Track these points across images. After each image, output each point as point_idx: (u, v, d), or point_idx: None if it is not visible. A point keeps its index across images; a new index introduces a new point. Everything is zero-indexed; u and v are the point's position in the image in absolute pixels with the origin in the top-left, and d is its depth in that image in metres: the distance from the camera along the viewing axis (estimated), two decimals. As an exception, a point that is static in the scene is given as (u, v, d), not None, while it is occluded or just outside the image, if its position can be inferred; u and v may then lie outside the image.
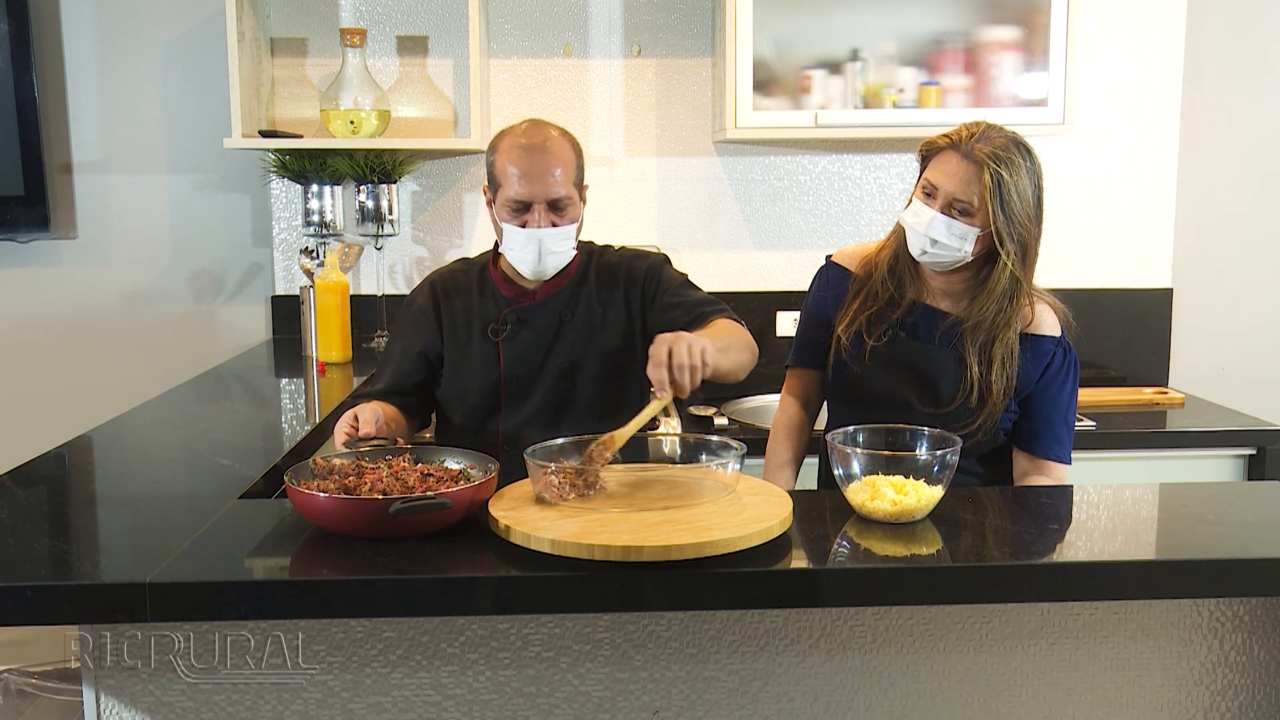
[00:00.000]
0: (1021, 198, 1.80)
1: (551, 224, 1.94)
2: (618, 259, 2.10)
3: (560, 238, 1.95)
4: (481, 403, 2.04)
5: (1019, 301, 1.86)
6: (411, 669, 1.46)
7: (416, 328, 2.07)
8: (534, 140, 1.93)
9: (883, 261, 1.96)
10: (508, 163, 1.93)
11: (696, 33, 3.17)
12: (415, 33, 3.15)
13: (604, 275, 2.06)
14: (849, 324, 1.96)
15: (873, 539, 1.46)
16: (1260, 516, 1.59)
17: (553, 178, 1.92)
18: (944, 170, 1.83)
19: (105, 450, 2.01)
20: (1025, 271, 1.85)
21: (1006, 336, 1.86)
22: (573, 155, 1.97)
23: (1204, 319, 3.41)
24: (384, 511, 1.38)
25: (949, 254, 1.84)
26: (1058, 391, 1.92)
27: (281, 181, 3.14)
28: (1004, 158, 1.78)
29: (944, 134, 1.86)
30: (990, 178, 1.78)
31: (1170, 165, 3.29)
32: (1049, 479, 1.93)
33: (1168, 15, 3.22)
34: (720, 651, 1.49)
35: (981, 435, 1.89)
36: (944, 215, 1.82)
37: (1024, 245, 1.83)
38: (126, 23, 3.19)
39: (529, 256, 1.95)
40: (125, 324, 3.28)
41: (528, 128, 1.97)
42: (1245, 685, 1.56)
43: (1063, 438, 1.94)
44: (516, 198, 1.92)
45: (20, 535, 1.47)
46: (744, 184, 3.23)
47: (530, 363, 2.03)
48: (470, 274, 2.09)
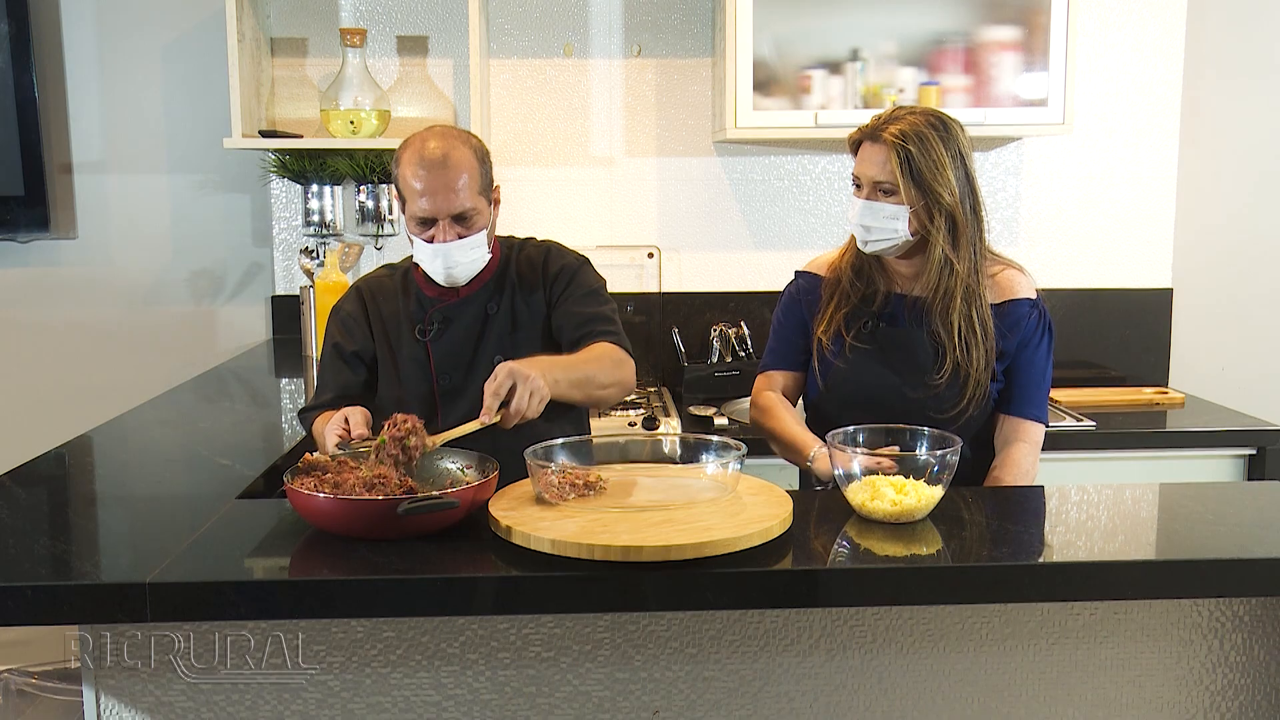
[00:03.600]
0: (935, 170, 1.86)
1: (458, 235, 1.92)
2: (537, 253, 2.08)
3: (468, 248, 1.94)
4: (418, 406, 2.00)
5: (959, 272, 1.90)
6: (411, 669, 1.46)
7: (349, 332, 2.05)
8: (433, 154, 1.90)
9: (847, 264, 2.03)
10: (410, 177, 1.91)
11: (696, 33, 3.17)
12: (415, 33, 3.15)
13: (525, 269, 2.06)
14: (827, 326, 2.00)
15: (873, 539, 1.46)
16: (1260, 516, 1.59)
17: (454, 193, 1.90)
18: (863, 159, 1.92)
19: (105, 450, 2.01)
20: (959, 241, 1.90)
21: (956, 305, 1.90)
22: (475, 163, 1.94)
23: (1204, 319, 3.41)
24: (391, 512, 1.38)
25: (887, 237, 1.90)
26: (1034, 351, 1.96)
27: (281, 181, 3.14)
28: (911, 135, 1.86)
29: (860, 126, 1.95)
30: (898, 154, 1.86)
31: (1170, 165, 3.29)
32: (1027, 441, 1.96)
33: (1168, 15, 3.22)
34: (720, 651, 1.49)
35: (973, 409, 1.92)
36: (869, 201, 1.90)
37: (950, 216, 1.89)
38: (126, 23, 3.19)
39: (437, 269, 1.96)
40: (125, 324, 3.28)
41: (427, 139, 1.93)
42: (1245, 685, 1.56)
43: (1041, 399, 1.98)
44: (419, 214, 1.91)
45: (20, 535, 1.48)
46: (744, 184, 3.23)
47: (460, 360, 2.01)
48: (395, 278, 2.08)
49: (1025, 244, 3.23)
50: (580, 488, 1.52)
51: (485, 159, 1.98)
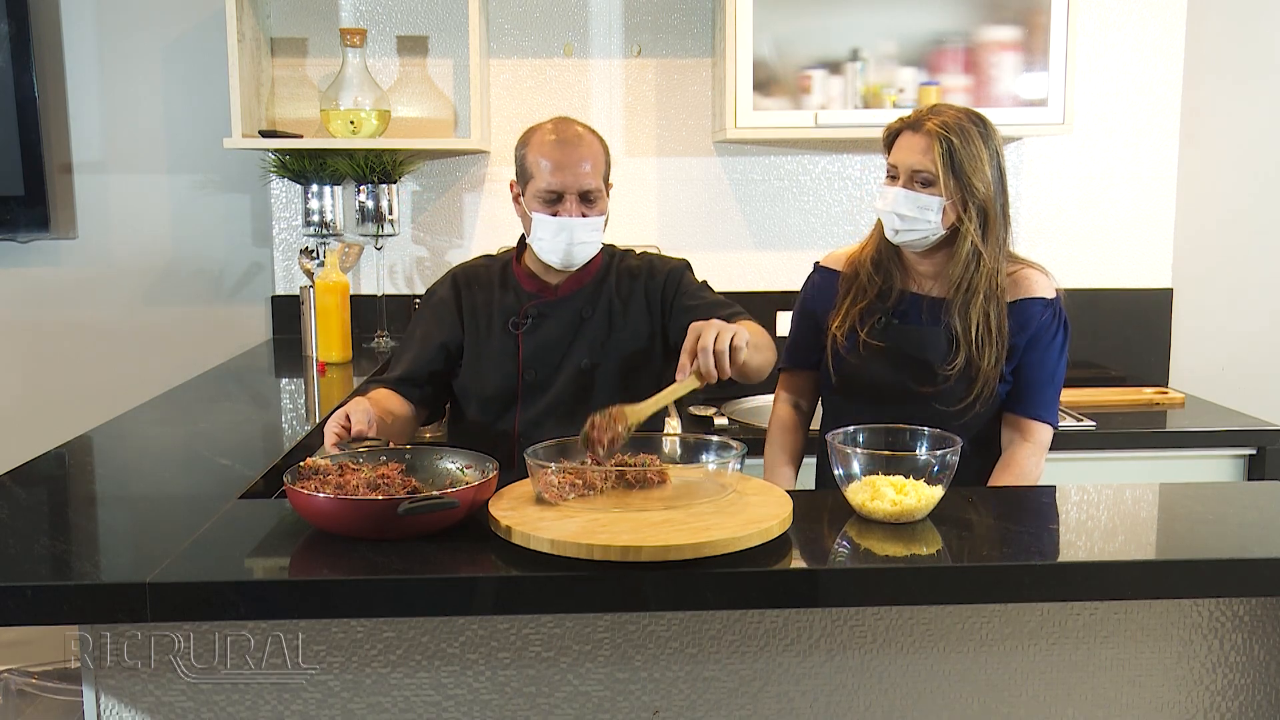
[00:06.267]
0: (975, 163, 1.88)
1: (582, 214, 1.99)
2: (639, 261, 2.15)
3: (589, 228, 2.00)
4: (498, 396, 2.06)
5: (986, 267, 1.90)
6: (411, 669, 1.46)
7: (438, 318, 2.10)
8: (566, 135, 2.00)
9: (867, 258, 2.03)
10: (540, 155, 1.99)
11: (696, 33, 3.17)
12: (415, 33, 3.15)
13: (624, 276, 2.11)
14: (842, 321, 2.01)
15: (873, 539, 1.46)
16: (1260, 516, 1.59)
17: (584, 170, 1.98)
18: (901, 148, 1.93)
19: (105, 450, 2.01)
20: (988, 237, 1.91)
21: (978, 301, 1.91)
22: (601, 151, 2.04)
23: (1204, 319, 3.41)
24: (391, 512, 1.38)
25: (919, 228, 1.91)
26: (1045, 350, 1.96)
27: (281, 181, 3.14)
28: (954, 126, 1.88)
29: (900, 118, 1.96)
30: (941, 144, 1.87)
31: (1170, 165, 3.29)
32: (1032, 442, 1.95)
33: (1168, 15, 3.22)
34: (720, 651, 1.49)
35: (979, 406, 1.93)
36: (906, 190, 1.90)
37: (984, 211, 1.90)
38: (126, 23, 3.19)
39: (559, 245, 2.00)
40: (125, 324, 3.28)
41: (559, 123, 2.04)
42: (1245, 685, 1.56)
43: (1049, 399, 1.97)
44: (549, 188, 1.98)
45: (20, 535, 1.47)
46: (744, 184, 3.23)
47: (550, 358, 2.05)
48: (493, 269, 2.14)
49: (1025, 244, 3.22)
50: (580, 488, 1.52)
51: (608, 152, 2.07)
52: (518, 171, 2.06)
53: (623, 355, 2.06)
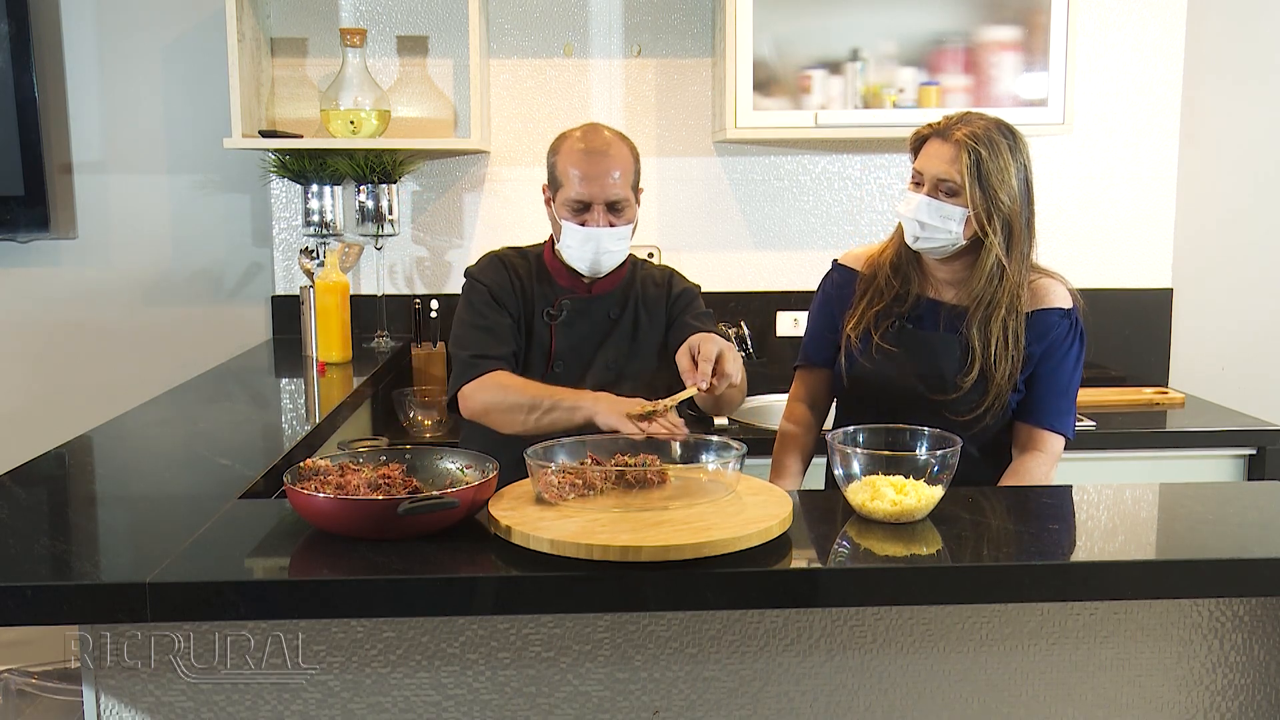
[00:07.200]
0: (1002, 176, 1.85)
1: (609, 224, 2.03)
2: (660, 273, 2.20)
3: (616, 237, 2.04)
4: None
5: (1010, 281, 1.89)
6: (411, 669, 1.46)
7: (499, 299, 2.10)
8: (595, 144, 2.03)
9: (886, 260, 2.01)
10: (569, 164, 2.02)
11: (696, 33, 3.17)
12: (415, 33, 3.15)
13: (649, 284, 2.16)
14: (857, 322, 2.00)
15: (873, 539, 1.46)
16: (1260, 516, 1.59)
17: (611, 180, 2.01)
18: (928, 155, 1.91)
19: (105, 450, 2.01)
20: (1012, 251, 1.89)
21: (999, 315, 1.89)
22: (630, 159, 2.06)
23: (1204, 319, 3.41)
24: (391, 512, 1.38)
25: (939, 237, 1.89)
26: (1060, 361, 1.94)
27: (281, 181, 3.14)
28: (983, 138, 1.86)
29: (929, 123, 1.94)
30: (969, 155, 1.84)
31: (1170, 165, 3.29)
32: (1044, 452, 1.95)
33: (1168, 15, 3.22)
34: (720, 651, 1.49)
35: (989, 418, 1.91)
36: (929, 198, 1.88)
37: (1009, 224, 1.88)
38: (126, 23, 3.19)
39: (586, 254, 2.04)
40: (125, 324, 3.28)
41: (588, 131, 2.06)
42: (1245, 685, 1.56)
43: (1063, 410, 1.95)
44: (577, 198, 2.01)
45: (20, 535, 1.47)
46: (744, 184, 3.23)
47: (579, 354, 2.10)
48: (528, 259, 2.17)
49: (1025, 244, 3.23)
50: (580, 488, 1.52)
51: (638, 159, 2.10)
52: (549, 177, 2.10)
53: (641, 360, 2.12)
